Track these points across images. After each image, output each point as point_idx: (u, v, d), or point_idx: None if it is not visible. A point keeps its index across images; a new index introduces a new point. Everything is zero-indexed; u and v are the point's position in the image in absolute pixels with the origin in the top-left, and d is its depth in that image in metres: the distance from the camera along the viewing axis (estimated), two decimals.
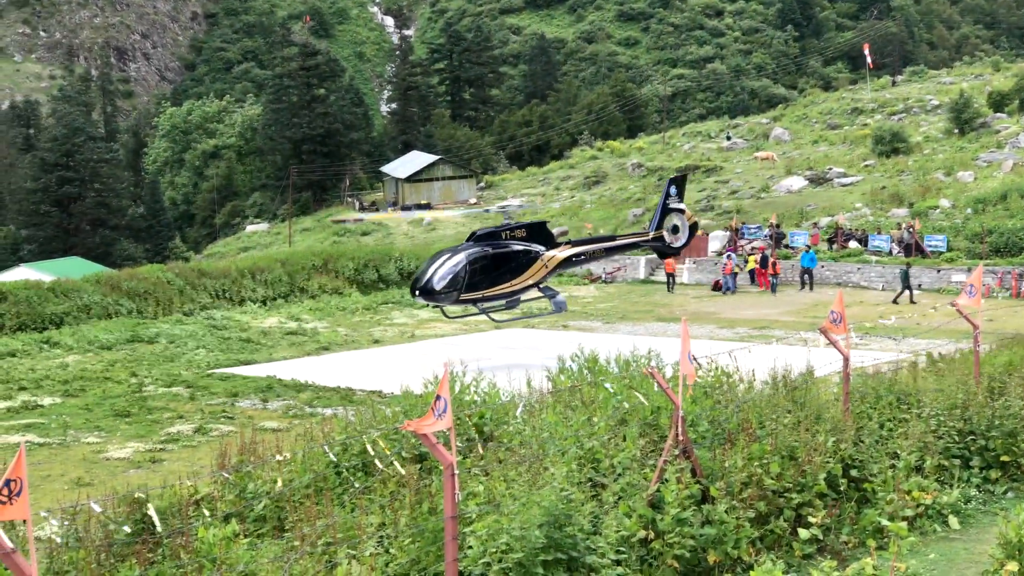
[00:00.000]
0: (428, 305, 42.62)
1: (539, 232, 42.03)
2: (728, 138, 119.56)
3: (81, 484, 22.49)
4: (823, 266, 63.98)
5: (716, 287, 64.25)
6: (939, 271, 59.72)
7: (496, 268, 39.74)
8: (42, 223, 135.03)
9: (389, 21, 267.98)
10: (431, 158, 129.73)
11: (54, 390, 36.11)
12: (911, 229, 63.52)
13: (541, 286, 41.92)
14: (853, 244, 65.99)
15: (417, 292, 39.59)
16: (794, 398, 18.55)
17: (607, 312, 56.04)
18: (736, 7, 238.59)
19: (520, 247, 40.67)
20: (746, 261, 65.84)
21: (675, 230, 45.29)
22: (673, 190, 45.70)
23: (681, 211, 45.63)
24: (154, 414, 31.80)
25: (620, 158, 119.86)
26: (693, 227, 46.55)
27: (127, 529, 14.06)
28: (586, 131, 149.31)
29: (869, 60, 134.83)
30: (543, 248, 41.34)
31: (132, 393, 35.25)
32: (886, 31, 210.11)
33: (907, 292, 55.60)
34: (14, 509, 9.14)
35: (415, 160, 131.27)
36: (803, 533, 15.08)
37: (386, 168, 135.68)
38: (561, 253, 42.04)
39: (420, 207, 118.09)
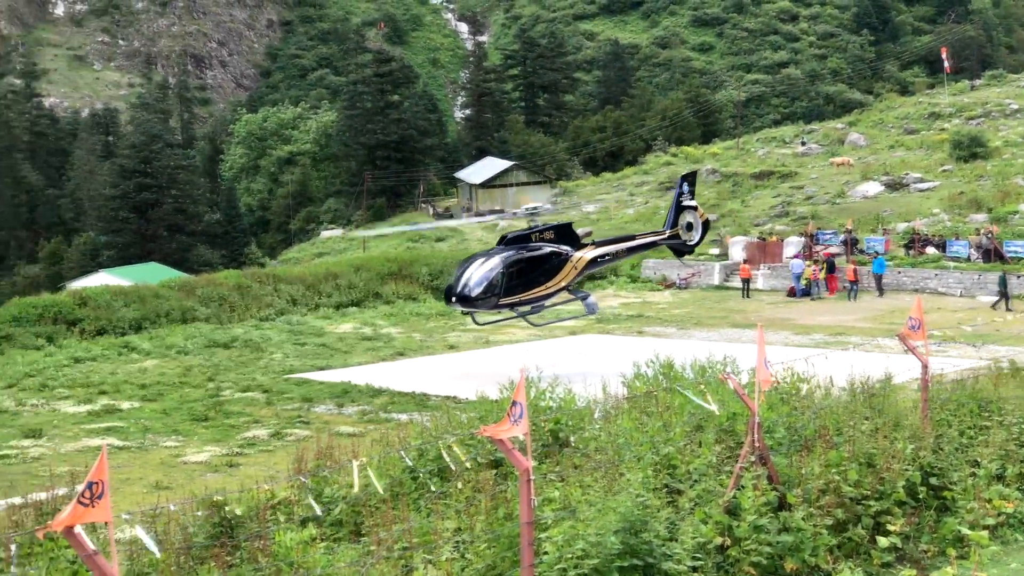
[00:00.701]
0: (463, 311, 41.57)
1: (566, 233, 41.62)
2: (803, 143, 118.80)
3: (160, 487, 22.72)
4: (899, 272, 63.41)
5: (791, 293, 63.86)
6: (1019, 277, 59.00)
7: (531, 271, 39.31)
8: (121, 229, 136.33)
9: (463, 27, 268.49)
10: (505, 164, 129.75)
11: (133, 394, 36.52)
12: (990, 235, 62.79)
13: (571, 288, 41.52)
14: (931, 250, 65.30)
15: (453, 299, 38.88)
16: (872, 405, 18.37)
17: (682, 318, 55.85)
18: (811, 11, 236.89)
19: (551, 249, 40.22)
20: (823, 268, 65.37)
21: (689, 227, 45.12)
22: (686, 187, 45.45)
23: (694, 208, 45.46)
24: (231, 418, 32.07)
25: (694, 164, 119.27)
26: (706, 224, 46.42)
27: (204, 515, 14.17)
28: (660, 137, 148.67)
29: (947, 64, 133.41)
30: (571, 249, 40.93)
31: (209, 398, 35.57)
32: (964, 35, 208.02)
33: (1003, 300, 55.22)
34: (96, 512, 9.24)
35: (489, 166, 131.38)
36: (882, 541, 14.91)
37: (460, 174, 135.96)
38: (588, 254, 41.62)
39: (494, 213, 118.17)
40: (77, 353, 45.40)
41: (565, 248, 40.67)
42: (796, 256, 66.79)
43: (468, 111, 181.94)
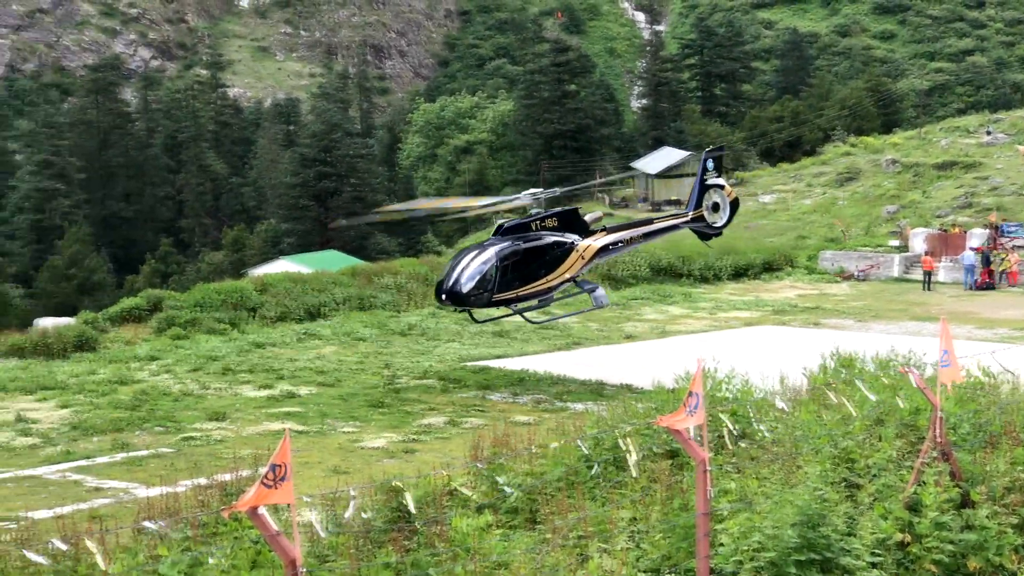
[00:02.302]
0: (455, 309, 38.85)
1: (571, 220, 38.45)
2: (989, 133, 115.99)
3: (338, 472, 23.02)
4: None
5: (978, 286, 62.49)
6: None
7: (529, 263, 36.47)
8: (301, 217, 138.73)
9: (640, 17, 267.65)
10: (682, 154, 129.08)
11: (311, 380, 37.08)
12: None
13: (578, 280, 38.55)
14: None
15: (444, 296, 35.95)
16: None
17: (860, 310, 55.04)
18: None
19: (553, 238, 37.26)
20: (1001, 260, 63.86)
21: (715, 208, 41.09)
22: (711, 164, 41.40)
23: (720, 187, 41.41)
24: (407, 405, 32.40)
25: (874, 154, 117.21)
26: (735, 204, 41.72)
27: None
28: (839, 127, 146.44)
29: None
30: (577, 237, 37.94)
31: (386, 384, 35.93)
32: None
33: None
34: (279, 493, 9.42)
35: (666, 156, 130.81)
36: None
37: (636, 164, 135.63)
38: (596, 242, 38.47)
39: (670, 203, 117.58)
40: (258, 338, 46.27)
41: (570, 236, 37.83)
42: (970, 248, 65.43)
43: (645, 101, 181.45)
